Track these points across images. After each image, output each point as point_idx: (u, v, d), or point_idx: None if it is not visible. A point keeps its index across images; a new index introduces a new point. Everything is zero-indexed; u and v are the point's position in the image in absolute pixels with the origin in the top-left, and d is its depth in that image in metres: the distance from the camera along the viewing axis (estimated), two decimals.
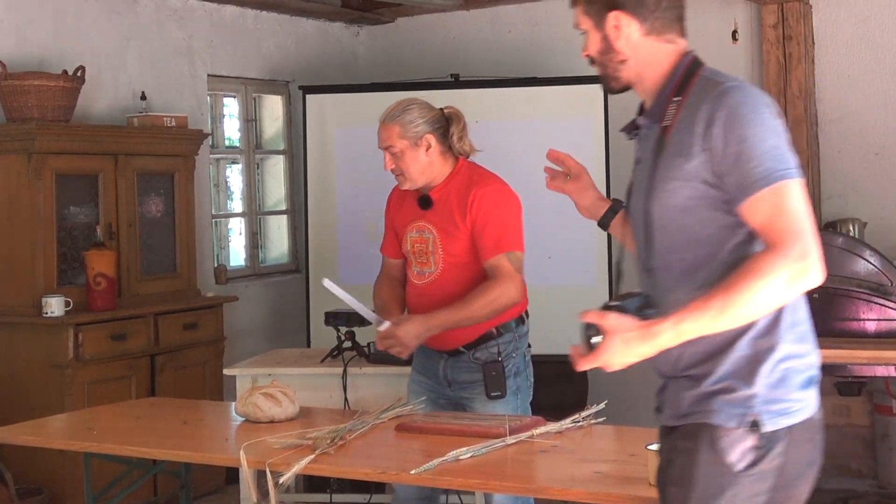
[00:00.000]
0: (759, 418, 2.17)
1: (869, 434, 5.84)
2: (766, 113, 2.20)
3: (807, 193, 2.21)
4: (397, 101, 3.78)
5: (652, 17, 2.32)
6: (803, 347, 2.26)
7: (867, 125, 6.17)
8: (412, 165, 3.66)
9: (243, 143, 6.95)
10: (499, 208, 3.64)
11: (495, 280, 3.58)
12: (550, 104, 6.38)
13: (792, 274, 2.12)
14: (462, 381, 3.71)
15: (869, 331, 4.97)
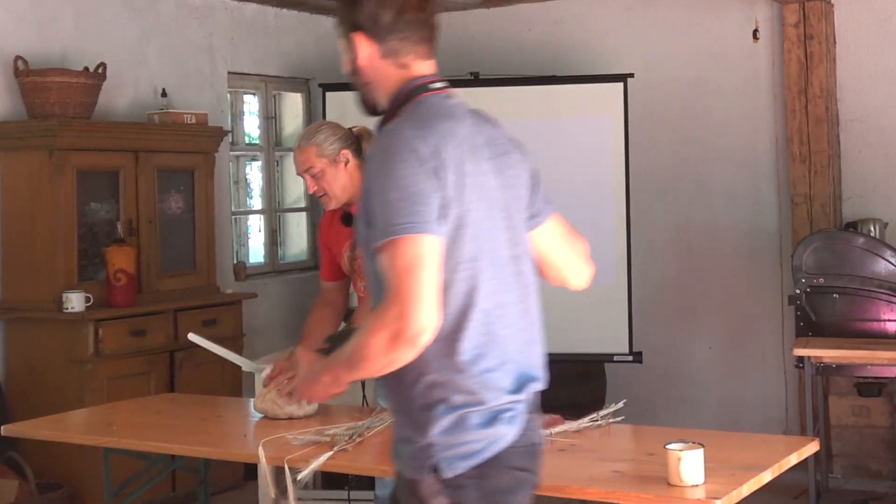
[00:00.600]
0: (439, 465, 2.16)
1: (889, 435, 5.81)
2: (400, 162, 2.13)
3: (433, 251, 2.11)
4: (307, 128, 3.83)
5: (388, 39, 2.27)
6: (487, 395, 2.18)
7: (888, 125, 6.14)
8: (334, 184, 3.71)
9: (263, 140, 6.97)
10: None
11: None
12: (570, 103, 6.38)
13: (388, 336, 2.09)
14: None
15: (889, 331, 4.96)
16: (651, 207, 6.68)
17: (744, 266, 6.53)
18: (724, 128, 6.57)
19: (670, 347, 6.72)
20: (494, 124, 2.42)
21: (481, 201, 2.21)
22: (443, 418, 2.16)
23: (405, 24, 2.26)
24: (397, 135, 2.18)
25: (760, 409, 6.49)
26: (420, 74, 2.29)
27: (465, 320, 2.17)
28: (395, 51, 2.27)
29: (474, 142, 2.26)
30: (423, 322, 2.08)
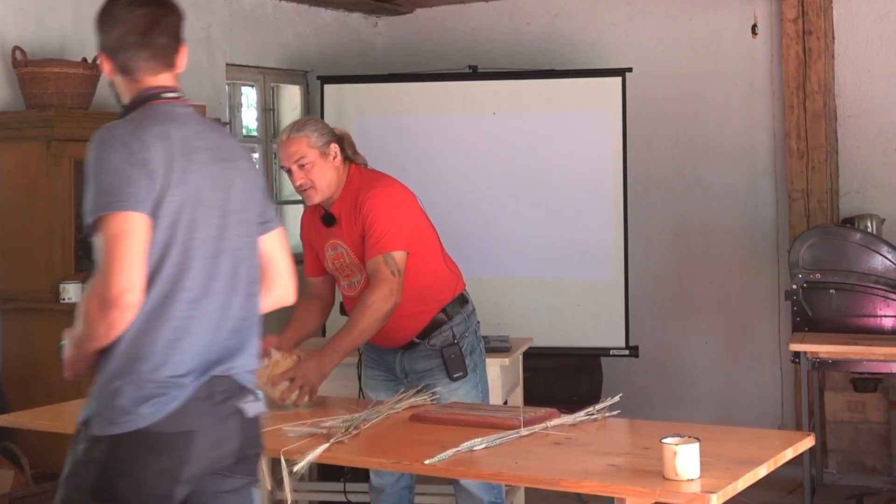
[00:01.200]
0: (92, 421, 2.47)
1: (884, 430, 5.82)
2: (113, 152, 2.48)
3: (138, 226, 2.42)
4: (291, 122, 3.85)
5: (118, 57, 2.64)
6: (156, 375, 2.43)
7: (887, 121, 6.14)
8: (322, 177, 3.72)
9: (261, 132, 6.96)
10: (382, 210, 3.72)
11: (370, 289, 3.66)
12: (568, 96, 6.38)
13: (97, 301, 2.38)
14: (420, 370, 3.84)
15: (886, 327, 4.96)
16: (648, 202, 6.68)
17: (741, 261, 6.54)
18: (721, 123, 6.57)
19: (667, 342, 6.73)
20: (223, 133, 2.81)
21: (188, 197, 2.48)
22: (104, 387, 2.44)
23: (129, 46, 2.62)
24: (112, 131, 2.53)
25: (756, 403, 6.50)
26: (152, 86, 2.64)
27: (158, 303, 2.43)
28: (126, 67, 2.64)
29: (191, 145, 2.55)
30: (124, 283, 2.36)
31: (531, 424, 3.19)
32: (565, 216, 6.19)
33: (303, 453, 3.04)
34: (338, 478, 4.62)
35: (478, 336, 3.94)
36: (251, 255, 2.65)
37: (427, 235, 3.89)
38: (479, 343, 3.94)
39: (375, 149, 6.58)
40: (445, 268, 3.94)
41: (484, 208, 6.25)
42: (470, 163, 6.30)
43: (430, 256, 3.87)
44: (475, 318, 3.95)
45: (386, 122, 6.60)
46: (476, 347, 3.90)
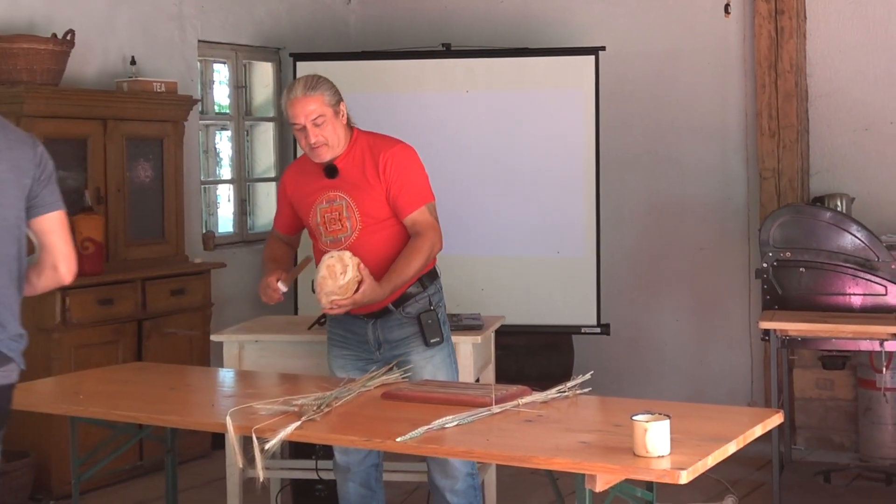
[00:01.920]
0: None
1: (852, 408, 5.87)
2: None
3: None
4: (303, 76, 3.86)
5: None
6: None
7: (857, 100, 6.16)
8: (334, 134, 3.77)
9: (233, 109, 6.92)
10: (410, 166, 3.81)
11: (422, 234, 3.75)
12: (541, 75, 6.36)
13: None
14: (395, 339, 3.82)
15: (854, 305, 4.99)
16: (621, 180, 6.69)
17: (712, 239, 6.56)
18: (694, 102, 6.58)
19: (638, 320, 6.75)
20: (11, 128, 3.01)
21: None
22: None
23: None
24: None
25: (726, 381, 6.54)
26: None
27: None
28: None
29: None
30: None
31: (503, 402, 3.19)
32: (538, 194, 6.18)
33: (274, 431, 3.03)
34: (309, 455, 4.61)
35: (444, 305, 3.97)
36: (8, 238, 2.87)
37: None
38: (446, 317, 3.97)
39: None
40: None
41: (456, 186, 6.24)
42: (443, 141, 6.28)
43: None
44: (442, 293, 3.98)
45: (358, 100, 6.51)
46: (446, 321, 3.93)
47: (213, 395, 3.75)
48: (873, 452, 5.63)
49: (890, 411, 5.55)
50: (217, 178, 6.91)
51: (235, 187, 6.94)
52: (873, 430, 5.63)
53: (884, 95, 6.09)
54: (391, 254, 3.76)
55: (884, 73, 6.09)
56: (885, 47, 6.08)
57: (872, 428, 5.63)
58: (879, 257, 4.96)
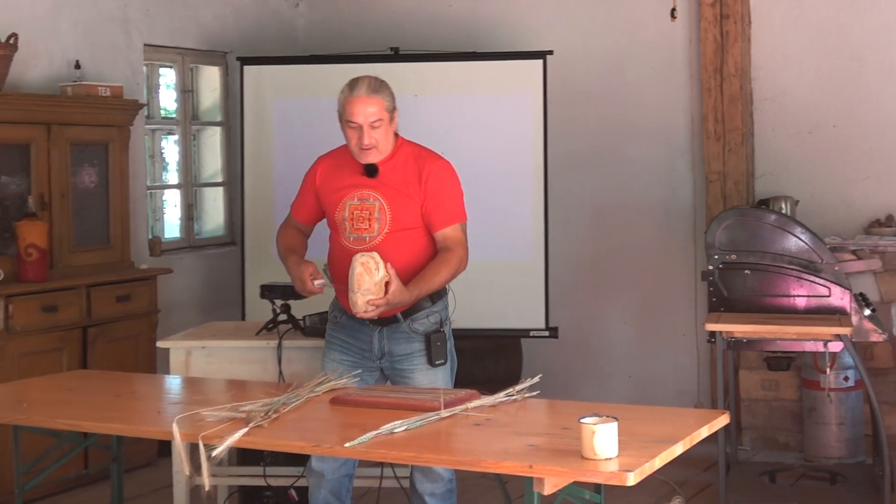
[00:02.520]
0: None
1: (797, 408, 5.94)
2: None
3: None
4: (367, 76, 3.83)
5: None
6: None
7: (801, 104, 6.24)
8: (386, 139, 3.80)
9: (179, 113, 6.86)
10: (451, 182, 3.86)
11: (452, 249, 3.78)
12: (490, 79, 6.37)
13: None
14: (400, 353, 3.81)
15: (799, 307, 5.05)
16: (569, 184, 6.72)
17: (659, 242, 6.61)
18: (641, 105, 6.62)
19: (586, 323, 6.78)
20: None
21: None
22: None
23: None
24: None
25: (673, 383, 6.59)
26: None
27: None
28: None
29: None
30: None
31: (451, 406, 3.19)
32: (486, 198, 6.19)
33: (221, 438, 3.00)
34: (257, 462, 4.59)
35: (451, 327, 3.97)
36: None
37: None
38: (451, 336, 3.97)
39: (295, 130, 6.54)
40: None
41: None
42: None
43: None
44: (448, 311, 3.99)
45: (306, 104, 6.54)
46: (450, 337, 3.93)
47: (159, 402, 3.72)
48: (818, 452, 5.70)
49: (834, 411, 5.62)
50: (163, 183, 6.85)
51: (182, 192, 6.88)
52: (818, 430, 5.70)
53: (827, 99, 6.17)
54: (413, 263, 3.77)
55: (826, 77, 6.17)
56: (828, 52, 6.16)
57: (817, 428, 5.70)
58: (823, 259, 5.03)
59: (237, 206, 6.88)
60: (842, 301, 4.97)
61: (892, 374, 5.78)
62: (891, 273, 5.75)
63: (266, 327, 4.59)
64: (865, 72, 6.08)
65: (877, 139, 6.07)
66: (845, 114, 6.13)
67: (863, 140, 6.10)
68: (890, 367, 5.79)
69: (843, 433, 5.63)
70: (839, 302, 4.98)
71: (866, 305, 5.01)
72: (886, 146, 6.05)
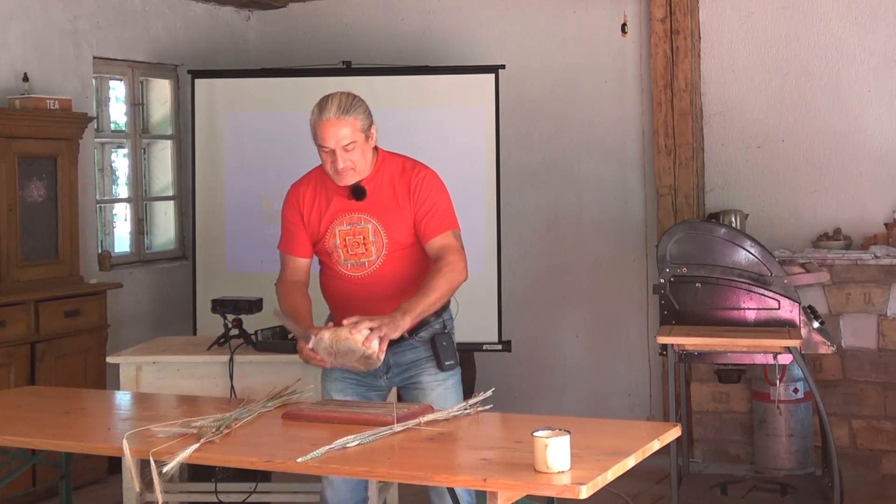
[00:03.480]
0: None
1: (747, 420, 5.99)
2: None
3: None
4: (337, 94, 3.63)
5: None
6: None
7: (750, 119, 6.31)
8: (363, 159, 3.62)
9: (129, 127, 6.82)
10: (440, 190, 3.73)
11: (446, 259, 3.60)
12: (442, 92, 6.40)
13: None
14: (406, 362, 3.71)
15: (749, 319, 5.09)
16: (521, 198, 6.75)
17: (610, 255, 6.65)
18: (592, 120, 6.67)
19: (539, 336, 6.80)
20: None
21: None
22: None
23: None
24: None
25: (626, 395, 6.63)
26: None
27: None
28: None
29: None
30: None
31: (404, 420, 3.19)
32: None
33: (172, 454, 2.98)
34: (209, 478, 4.55)
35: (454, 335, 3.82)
36: None
37: None
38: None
39: (247, 144, 6.52)
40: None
41: None
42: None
43: None
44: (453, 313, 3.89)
45: (258, 118, 6.53)
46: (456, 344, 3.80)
47: (109, 418, 3.68)
48: (768, 464, 5.75)
49: (783, 423, 5.68)
50: (113, 196, 6.80)
51: (132, 206, 6.83)
52: (768, 442, 5.75)
53: (776, 114, 6.25)
54: (417, 281, 3.60)
55: (776, 92, 6.25)
56: (777, 68, 6.24)
57: (767, 440, 5.76)
58: (772, 272, 5.08)
59: (188, 219, 6.85)
60: (791, 314, 5.03)
61: (840, 385, 5.85)
62: (839, 286, 5.83)
63: (217, 342, 4.57)
64: (813, 87, 6.17)
65: (825, 153, 6.16)
66: (794, 128, 6.21)
67: (811, 154, 6.18)
68: (838, 378, 5.86)
69: (792, 445, 5.69)
70: (788, 315, 5.03)
71: (815, 318, 5.07)
72: (834, 160, 6.14)
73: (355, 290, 3.68)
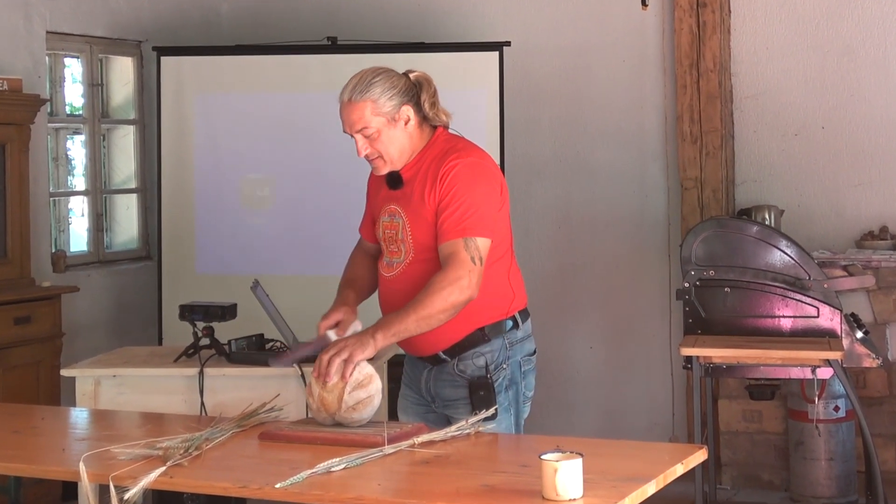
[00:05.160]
0: None
1: (782, 442, 6.00)
2: None
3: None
4: (361, 71, 3.59)
5: None
6: None
7: (786, 103, 6.31)
8: (391, 146, 3.54)
9: (87, 110, 6.82)
10: (468, 185, 3.50)
11: (444, 272, 3.43)
12: (440, 73, 6.31)
13: None
14: (447, 398, 3.66)
15: (784, 328, 5.10)
16: (528, 191, 6.75)
17: (628, 257, 6.66)
18: (608, 103, 6.67)
19: (548, 347, 6.80)
20: None
21: None
22: None
23: None
24: None
25: (645, 414, 6.63)
26: None
27: None
28: None
29: None
30: None
31: (396, 441, 3.20)
32: None
33: (135, 478, 2.98)
34: None
35: (523, 370, 3.77)
36: None
37: (504, 231, 3.64)
38: (521, 378, 3.77)
39: (220, 130, 6.53)
40: (507, 278, 3.71)
41: (344, 199, 6.23)
42: (328, 147, 6.27)
43: (496, 258, 3.60)
44: (526, 348, 3.81)
45: (232, 101, 6.54)
46: (515, 382, 3.73)
47: (63, 438, 3.69)
48: (805, 491, 5.76)
49: (823, 445, 5.69)
50: (69, 189, 6.80)
51: (90, 200, 6.84)
52: (805, 467, 5.76)
53: (815, 98, 6.25)
54: None
55: (815, 73, 6.25)
56: (816, 46, 6.25)
57: (804, 464, 5.76)
58: (811, 275, 5.09)
59: (153, 215, 6.85)
60: (831, 322, 5.04)
61: (887, 403, 5.86)
62: (885, 291, 5.83)
63: (186, 353, 4.57)
64: (858, 67, 6.18)
65: (870, 142, 6.16)
66: (835, 114, 6.22)
67: (854, 143, 6.19)
68: (884, 395, 5.87)
69: (833, 469, 5.70)
70: (828, 323, 5.04)
71: (858, 327, 5.09)
72: (881, 149, 6.14)
73: (384, 291, 3.67)
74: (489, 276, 3.57)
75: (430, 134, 3.64)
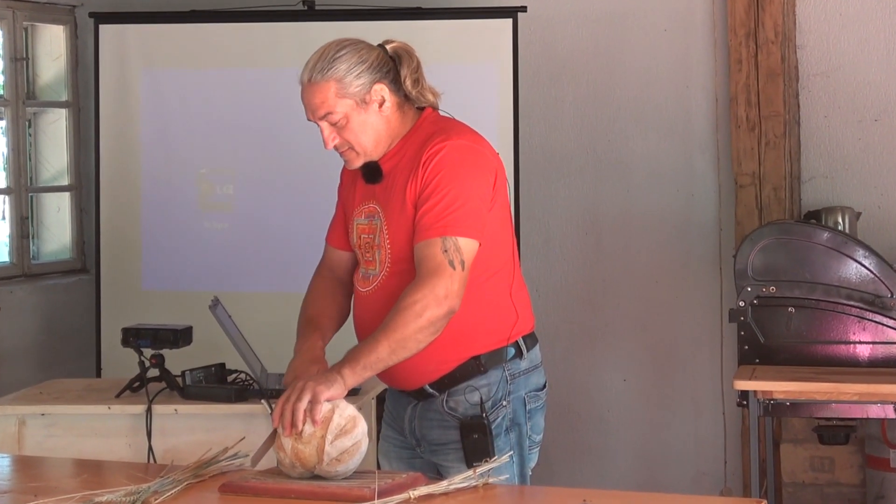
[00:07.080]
0: None
1: (858, 495, 5.99)
2: None
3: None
4: (324, 46, 3.55)
5: None
6: None
7: (864, 82, 6.32)
8: (363, 134, 3.51)
9: (9, 91, 6.83)
10: (457, 172, 3.47)
11: (416, 283, 3.37)
12: (441, 44, 6.40)
13: None
14: (434, 441, 3.64)
15: (861, 357, 5.10)
16: (548, 190, 6.75)
17: (670, 270, 6.65)
18: (646, 83, 6.67)
19: (572, 379, 6.81)
20: None
21: None
22: None
23: None
24: None
25: (691, 460, 6.63)
26: None
27: None
28: None
29: None
30: None
31: (388, 495, 3.19)
32: None
33: None
34: None
35: (527, 409, 3.68)
36: None
37: (500, 235, 3.58)
38: (527, 419, 3.68)
39: (172, 113, 6.53)
40: (508, 296, 3.62)
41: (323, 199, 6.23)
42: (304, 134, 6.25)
43: (494, 270, 3.55)
44: (531, 382, 3.72)
45: (186, 77, 6.54)
46: (518, 423, 3.65)
47: None
48: None
49: None
50: None
51: (13, 200, 6.84)
52: None
53: None
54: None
55: None
56: None
57: None
58: (893, 293, 5.09)
59: (90, 218, 6.85)
60: None
61: None
62: None
63: (130, 387, 4.57)
64: None
65: None
66: None
67: None
68: None
69: None
70: None
71: None
72: None
73: (359, 312, 3.63)
74: (486, 294, 3.54)
75: (416, 117, 3.65)
